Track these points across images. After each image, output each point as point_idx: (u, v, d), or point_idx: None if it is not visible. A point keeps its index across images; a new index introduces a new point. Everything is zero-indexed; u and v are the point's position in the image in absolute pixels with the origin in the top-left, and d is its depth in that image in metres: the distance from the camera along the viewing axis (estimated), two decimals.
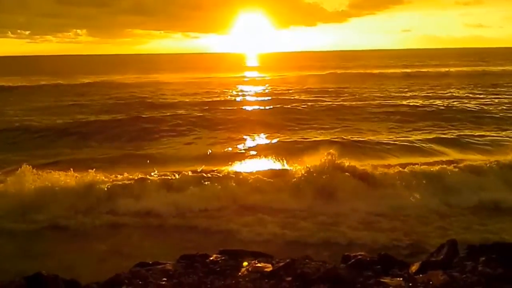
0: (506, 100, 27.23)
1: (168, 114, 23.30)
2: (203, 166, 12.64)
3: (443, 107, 24.59)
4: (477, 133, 18.00)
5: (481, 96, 29.64)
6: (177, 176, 11.78)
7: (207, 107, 26.05)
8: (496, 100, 27.28)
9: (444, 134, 18.20)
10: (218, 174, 11.73)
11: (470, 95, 30.37)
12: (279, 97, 31.35)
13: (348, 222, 9.23)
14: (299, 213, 9.80)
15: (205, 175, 11.66)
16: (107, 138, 18.47)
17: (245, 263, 4.89)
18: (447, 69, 55.57)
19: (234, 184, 11.08)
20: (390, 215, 9.54)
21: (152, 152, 15.82)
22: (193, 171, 12.08)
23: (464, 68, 57.94)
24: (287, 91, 35.09)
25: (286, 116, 22.44)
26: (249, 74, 62.90)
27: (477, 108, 24.59)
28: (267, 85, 41.39)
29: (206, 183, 11.15)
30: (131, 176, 11.69)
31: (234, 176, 11.60)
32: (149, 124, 21.00)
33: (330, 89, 35.11)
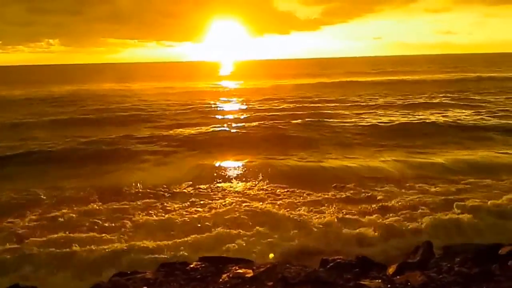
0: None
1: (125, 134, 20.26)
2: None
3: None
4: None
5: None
6: None
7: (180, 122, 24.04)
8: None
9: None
10: None
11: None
12: (257, 113, 27.64)
13: None
14: None
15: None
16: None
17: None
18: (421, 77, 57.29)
19: None
20: None
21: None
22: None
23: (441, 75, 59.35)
24: (265, 105, 31.52)
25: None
26: (224, 83, 62.39)
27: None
28: (243, 98, 37.48)
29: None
30: None
31: None
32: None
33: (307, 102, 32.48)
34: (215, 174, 13.53)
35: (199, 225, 9.16)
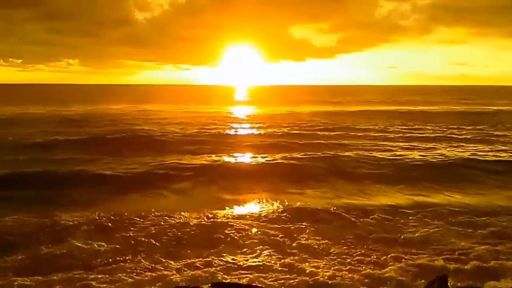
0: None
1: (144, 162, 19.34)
2: None
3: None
4: None
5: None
6: None
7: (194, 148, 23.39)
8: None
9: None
10: None
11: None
12: (271, 139, 26.56)
13: None
14: None
15: None
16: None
17: None
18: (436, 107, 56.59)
19: None
20: None
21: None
22: None
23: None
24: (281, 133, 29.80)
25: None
26: (239, 108, 62.33)
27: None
28: (257, 125, 35.79)
29: None
30: None
31: None
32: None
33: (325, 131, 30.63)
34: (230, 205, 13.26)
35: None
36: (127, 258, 8.97)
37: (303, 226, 11.05)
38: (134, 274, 8.18)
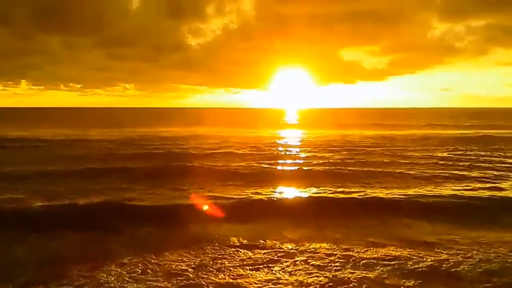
0: None
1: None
2: None
3: None
4: None
5: None
6: None
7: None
8: None
9: None
10: None
11: None
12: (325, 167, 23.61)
13: None
14: None
15: None
16: None
17: None
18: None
19: None
20: None
21: None
22: None
23: None
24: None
25: None
26: (289, 132, 61.40)
27: None
28: (309, 150, 33.31)
29: None
30: None
31: None
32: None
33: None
34: None
35: None
36: None
37: None
38: None
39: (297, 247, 10.79)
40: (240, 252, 10.52)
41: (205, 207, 14.50)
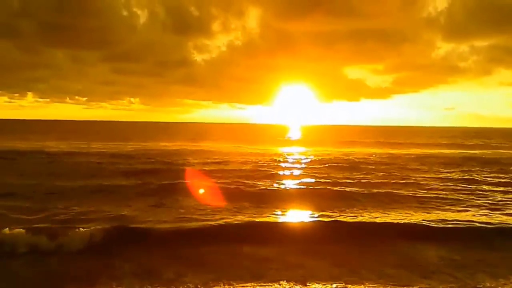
0: None
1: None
2: None
3: None
4: None
5: None
6: None
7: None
8: None
9: None
10: None
11: None
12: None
13: None
14: None
15: None
16: None
17: None
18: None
19: None
20: None
21: None
22: None
23: None
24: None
25: None
26: (293, 149, 61.24)
27: None
28: (314, 170, 32.07)
29: None
30: None
31: None
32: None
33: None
34: None
35: None
36: None
37: None
38: None
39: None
40: None
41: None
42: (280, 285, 9.88)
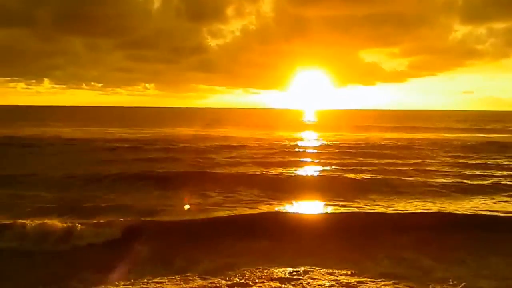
0: None
1: None
2: None
3: None
4: None
5: None
6: None
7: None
8: None
9: None
10: None
11: None
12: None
13: None
14: None
15: None
16: None
17: None
18: None
19: None
20: None
21: None
22: None
23: None
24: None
25: None
26: (308, 134, 60.83)
27: None
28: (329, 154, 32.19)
29: None
30: None
31: None
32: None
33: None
34: None
35: None
36: None
37: None
38: None
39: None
40: None
41: None
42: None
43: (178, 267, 10.33)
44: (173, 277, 9.55)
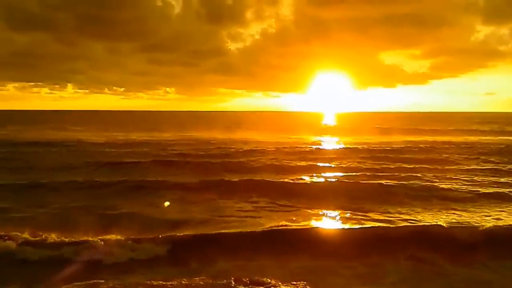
0: None
1: None
2: None
3: None
4: None
5: None
6: None
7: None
8: None
9: None
10: None
11: None
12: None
13: None
14: None
15: None
16: None
17: None
18: None
19: None
20: None
21: None
22: None
23: None
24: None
25: None
26: (328, 138, 60.66)
27: None
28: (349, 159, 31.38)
29: None
30: None
31: None
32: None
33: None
34: None
35: None
36: None
37: None
38: None
39: None
40: None
41: None
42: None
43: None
44: None
